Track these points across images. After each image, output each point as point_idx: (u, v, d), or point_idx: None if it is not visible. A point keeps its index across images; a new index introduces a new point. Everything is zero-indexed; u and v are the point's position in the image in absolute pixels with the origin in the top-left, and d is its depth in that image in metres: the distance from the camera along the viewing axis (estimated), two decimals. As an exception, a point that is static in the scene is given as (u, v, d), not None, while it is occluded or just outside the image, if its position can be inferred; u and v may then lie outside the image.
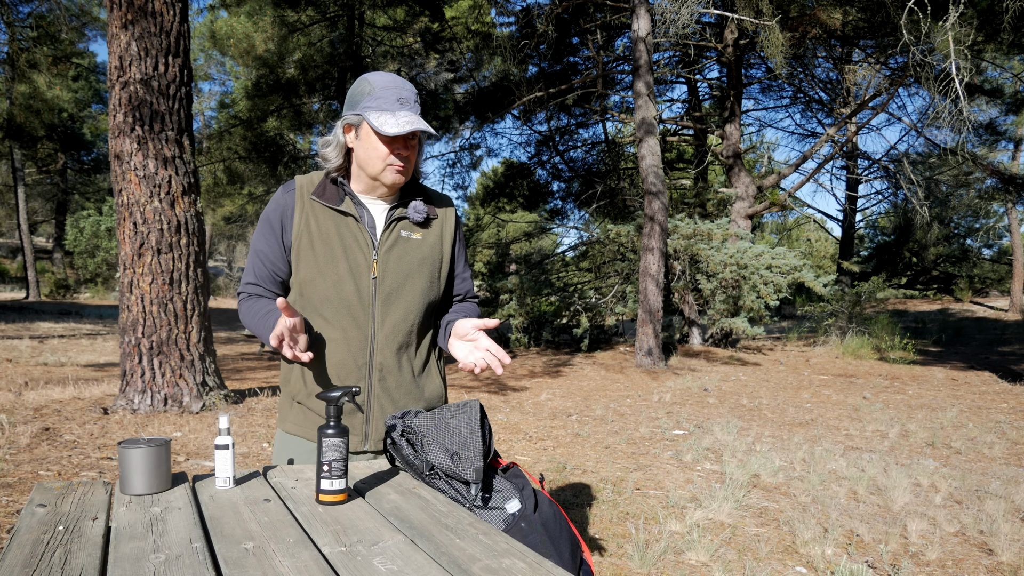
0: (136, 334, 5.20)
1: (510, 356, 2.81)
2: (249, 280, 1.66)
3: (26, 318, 14.59)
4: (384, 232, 1.62)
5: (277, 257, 1.64)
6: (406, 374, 1.65)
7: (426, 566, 1.00)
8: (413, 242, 1.65)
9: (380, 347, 1.62)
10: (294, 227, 1.62)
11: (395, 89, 1.55)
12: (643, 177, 9.49)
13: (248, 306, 1.64)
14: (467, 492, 1.42)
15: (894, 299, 21.65)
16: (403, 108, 1.54)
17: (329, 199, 1.62)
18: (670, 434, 5.33)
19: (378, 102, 1.54)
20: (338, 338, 1.61)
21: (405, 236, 1.64)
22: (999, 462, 4.70)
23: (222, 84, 25.75)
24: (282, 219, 1.62)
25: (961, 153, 12.23)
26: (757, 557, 2.91)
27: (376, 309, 1.61)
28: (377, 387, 1.62)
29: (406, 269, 1.63)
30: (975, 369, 9.72)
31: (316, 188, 1.64)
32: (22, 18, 16.10)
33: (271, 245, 1.63)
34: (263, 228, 1.65)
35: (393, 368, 1.63)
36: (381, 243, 1.62)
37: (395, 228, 1.64)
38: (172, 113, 5.30)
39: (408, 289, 1.63)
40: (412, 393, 1.67)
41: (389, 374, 1.63)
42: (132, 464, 1.32)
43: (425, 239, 1.67)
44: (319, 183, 1.65)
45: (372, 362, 1.62)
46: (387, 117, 1.52)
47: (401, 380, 1.65)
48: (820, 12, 10.23)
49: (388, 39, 14.56)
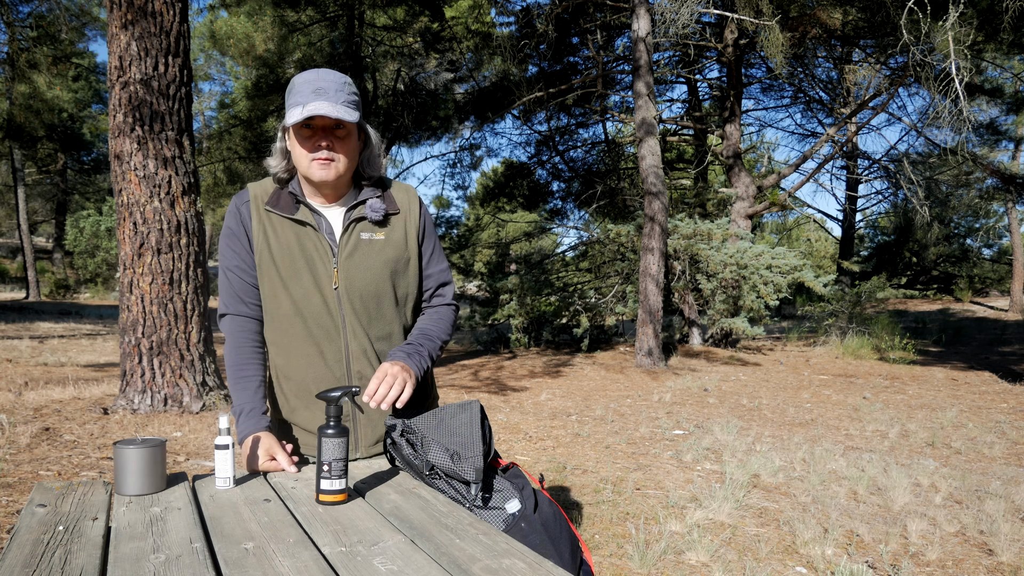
0: (136, 334, 5.20)
1: (510, 356, 2.80)
2: (228, 299, 1.59)
3: (26, 318, 14.59)
4: (343, 237, 1.55)
5: (250, 265, 1.58)
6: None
7: (426, 566, 1.00)
8: (375, 243, 1.58)
9: (356, 356, 1.57)
10: (254, 240, 1.56)
11: (312, 82, 1.47)
12: (643, 177, 9.49)
13: (232, 346, 1.59)
14: (467, 492, 1.42)
15: (894, 299, 21.64)
16: (318, 98, 1.44)
17: (284, 208, 1.56)
18: (670, 434, 5.33)
19: (295, 98, 1.47)
20: (312, 352, 1.56)
21: (366, 238, 1.57)
22: (999, 462, 4.70)
23: (222, 84, 25.78)
24: (244, 228, 1.57)
25: (961, 153, 12.23)
26: (757, 557, 2.91)
27: (344, 319, 1.55)
28: (360, 398, 1.58)
29: (370, 275, 1.56)
30: (975, 369, 9.72)
31: (270, 198, 1.58)
32: (22, 18, 16.10)
33: (241, 255, 1.58)
34: (230, 242, 1.58)
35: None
36: (340, 249, 1.55)
37: (354, 231, 1.57)
38: (172, 113, 5.30)
39: (374, 294, 1.57)
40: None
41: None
42: (127, 465, 1.31)
43: (388, 238, 1.59)
44: (272, 192, 1.59)
45: (350, 372, 1.57)
46: (296, 110, 1.45)
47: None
48: (820, 12, 10.23)
49: (388, 39, 14.56)
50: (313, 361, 1.56)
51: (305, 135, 1.48)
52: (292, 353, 1.57)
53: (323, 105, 1.43)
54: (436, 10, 13.71)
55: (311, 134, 1.48)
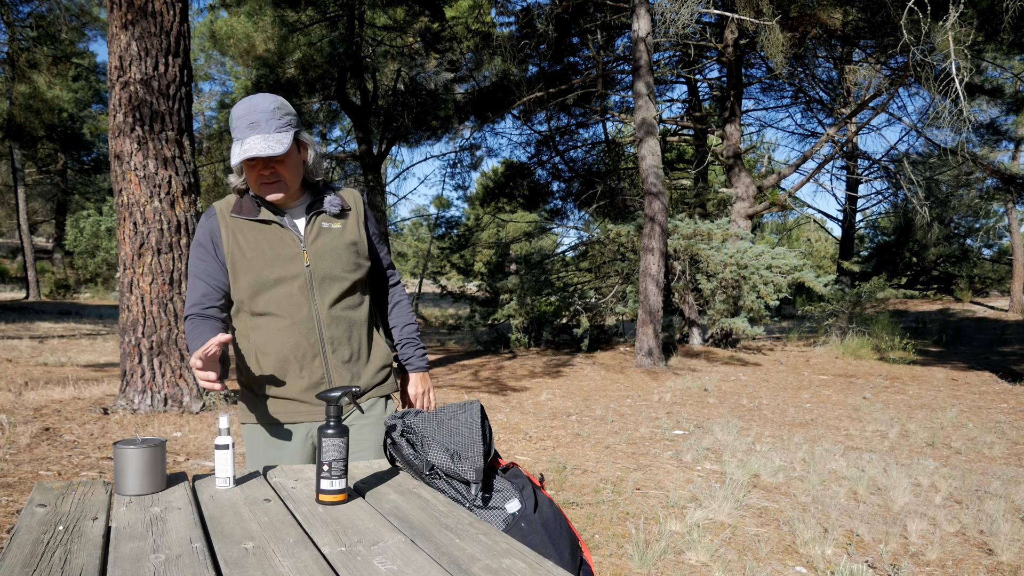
0: (136, 334, 5.20)
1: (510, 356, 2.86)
2: (194, 301, 1.77)
3: (26, 318, 14.59)
4: (307, 227, 1.78)
5: (218, 272, 1.77)
6: (355, 343, 1.82)
7: (426, 566, 1.00)
8: (335, 231, 1.82)
9: (327, 324, 1.77)
10: (224, 245, 1.75)
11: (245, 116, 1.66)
12: (643, 177, 9.49)
13: (191, 328, 1.75)
14: (467, 492, 1.42)
15: (894, 299, 21.64)
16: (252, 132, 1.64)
17: (247, 213, 1.76)
18: (670, 434, 5.33)
19: (235, 132, 1.67)
20: (287, 325, 1.75)
21: (327, 227, 1.81)
22: (999, 462, 4.70)
23: (222, 84, 25.76)
24: (212, 240, 1.76)
25: (961, 153, 12.23)
26: (757, 557, 2.91)
27: (315, 293, 1.76)
28: (332, 359, 1.78)
29: (334, 254, 1.79)
30: (975, 369, 9.72)
31: (233, 207, 1.78)
32: (22, 18, 16.09)
33: (209, 263, 1.76)
34: (197, 252, 1.77)
35: (343, 340, 1.79)
36: (306, 236, 1.77)
37: (316, 221, 1.80)
38: (172, 113, 5.30)
39: (340, 270, 1.79)
40: (362, 359, 1.84)
41: (341, 345, 1.78)
42: (127, 465, 1.31)
43: (345, 226, 1.83)
44: (235, 202, 1.79)
45: (323, 338, 1.77)
46: (236, 147, 1.66)
47: (352, 350, 1.81)
48: (820, 12, 10.23)
49: (388, 39, 14.56)
50: (288, 333, 1.75)
51: (250, 165, 1.69)
52: (269, 329, 1.76)
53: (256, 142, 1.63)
54: (436, 10, 13.72)
55: (254, 164, 1.69)
